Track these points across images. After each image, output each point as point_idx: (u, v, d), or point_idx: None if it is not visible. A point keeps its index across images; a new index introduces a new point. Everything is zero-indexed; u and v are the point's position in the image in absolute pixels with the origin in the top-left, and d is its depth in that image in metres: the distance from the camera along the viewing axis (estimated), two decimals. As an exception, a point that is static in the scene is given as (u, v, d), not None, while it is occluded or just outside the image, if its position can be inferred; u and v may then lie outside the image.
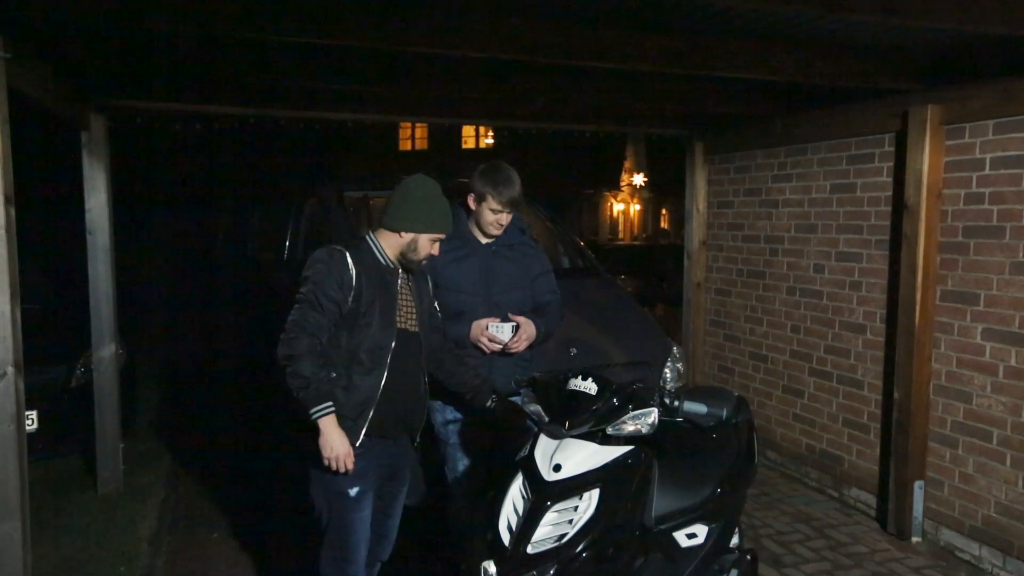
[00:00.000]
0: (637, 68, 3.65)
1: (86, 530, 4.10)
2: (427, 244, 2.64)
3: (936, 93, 3.89)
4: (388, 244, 2.65)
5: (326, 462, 2.46)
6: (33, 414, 4.62)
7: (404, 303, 2.67)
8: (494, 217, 3.05)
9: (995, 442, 3.70)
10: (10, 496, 2.77)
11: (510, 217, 3.09)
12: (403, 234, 2.62)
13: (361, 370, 2.54)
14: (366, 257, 2.60)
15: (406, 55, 3.83)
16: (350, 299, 2.52)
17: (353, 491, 2.57)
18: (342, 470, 2.47)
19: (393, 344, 2.59)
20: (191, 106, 4.88)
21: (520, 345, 3.05)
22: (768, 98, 4.74)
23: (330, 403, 2.45)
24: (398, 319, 2.63)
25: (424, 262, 2.72)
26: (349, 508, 2.58)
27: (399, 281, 2.67)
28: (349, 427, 2.52)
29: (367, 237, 2.69)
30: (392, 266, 2.66)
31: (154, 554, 3.86)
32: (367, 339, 2.54)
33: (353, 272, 2.52)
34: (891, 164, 4.26)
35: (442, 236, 2.69)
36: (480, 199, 3.05)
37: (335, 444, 2.45)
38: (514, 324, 3.04)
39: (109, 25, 3.20)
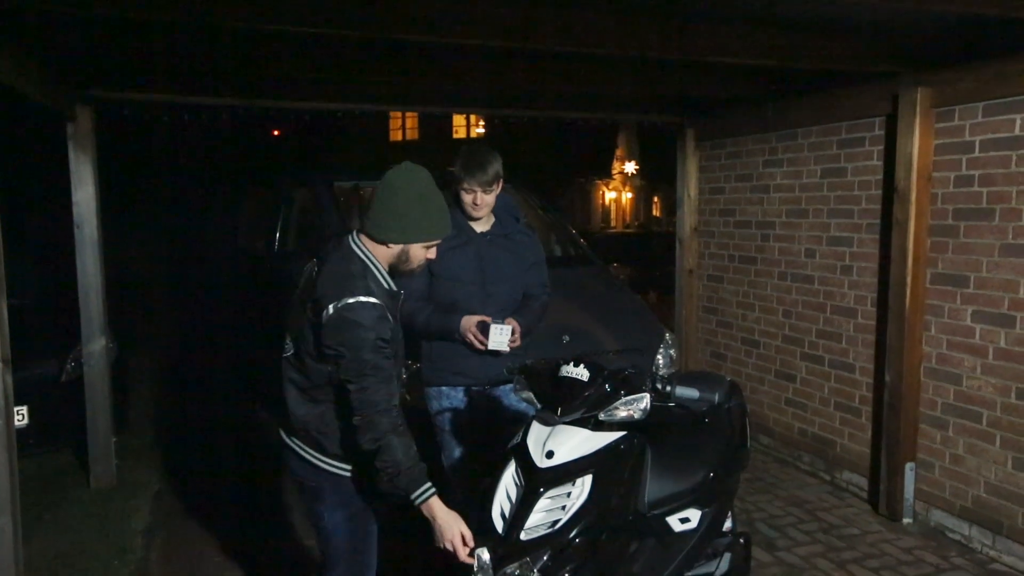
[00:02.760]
0: (629, 53, 3.64)
1: (79, 524, 4.09)
2: (421, 252, 2.30)
3: (926, 76, 3.89)
4: (381, 257, 2.28)
5: (442, 546, 2.17)
6: (24, 409, 4.59)
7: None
8: (469, 197, 3.05)
9: (985, 423, 3.73)
10: (1, 490, 2.76)
11: (489, 198, 3.06)
12: (391, 245, 2.27)
13: None
14: (382, 294, 2.21)
15: (399, 44, 3.81)
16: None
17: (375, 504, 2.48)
18: (462, 553, 2.16)
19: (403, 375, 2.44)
20: (179, 97, 4.83)
21: (513, 346, 3.02)
22: (759, 83, 4.73)
23: (429, 484, 2.15)
24: None
25: (418, 269, 2.38)
26: (371, 521, 2.48)
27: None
28: (370, 466, 2.29)
29: (367, 259, 2.26)
30: (396, 290, 2.33)
31: (148, 547, 3.86)
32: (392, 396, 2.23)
33: (390, 324, 2.22)
34: (881, 148, 4.26)
35: (439, 240, 2.35)
36: (456, 180, 3.05)
37: (450, 527, 2.14)
38: (511, 327, 3.00)
39: (97, 15, 3.16)
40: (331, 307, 2.12)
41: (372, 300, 2.15)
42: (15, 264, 3.10)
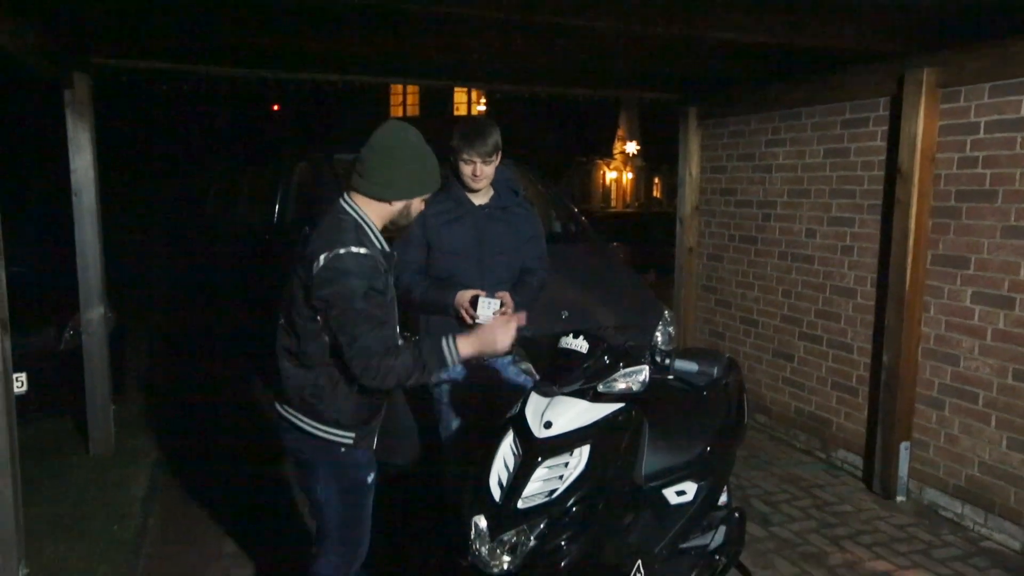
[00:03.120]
0: (632, 29, 3.60)
1: (79, 491, 4.11)
2: (419, 205, 2.39)
3: (932, 56, 3.86)
4: (376, 215, 2.30)
5: (497, 350, 2.32)
6: (23, 376, 4.60)
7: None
8: (468, 169, 3.02)
9: (981, 403, 3.75)
10: (0, 453, 2.77)
11: (488, 170, 3.03)
12: (394, 203, 2.31)
13: None
14: (375, 250, 2.24)
15: (399, 13, 3.76)
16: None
17: (370, 478, 2.47)
18: (517, 321, 2.36)
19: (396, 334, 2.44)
20: (178, 65, 4.79)
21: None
22: (763, 61, 4.69)
23: (442, 341, 2.22)
24: None
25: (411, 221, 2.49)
26: (365, 494, 2.49)
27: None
28: (365, 433, 2.37)
29: (360, 218, 2.27)
30: (389, 250, 2.36)
31: (146, 513, 3.89)
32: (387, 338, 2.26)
33: (383, 276, 2.24)
34: (885, 128, 4.24)
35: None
36: (456, 152, 3.03)
37: (490, 340, 2.28)
38: (499, 301, 2.99)
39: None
40: (321, 258, 2.13)
41: (363, 250, 2.16)
42: (14, 232, 3.09)
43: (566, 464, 2.19)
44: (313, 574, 2.47)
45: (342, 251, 2.13)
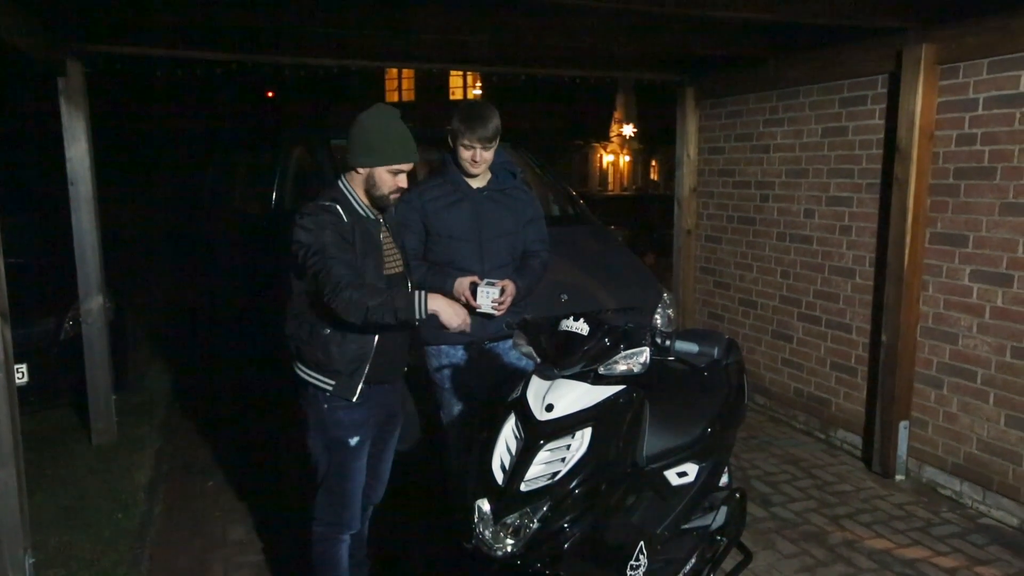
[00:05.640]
0: (632, 6, 3.57)
1: (83, 480, 4.13)
2: (387, 177, 2.50)
3: (931, 32, 3.84)
4: (357, 186, 2.53)
5: (457, 326, 2.45)
6: (23, 367, 4.60)
7: (388, 250, 2.62)
8: (468, 154, 3.00)
9: (979, 381, 3.76)
10: (2, 443, 2.77)
11: (488, 155, 3.02)
12: (360, 170, 2.50)
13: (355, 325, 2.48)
14: (352, 209, 2.50)
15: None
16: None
17: (353, 441, 2.55)
18: (461, 330, 2.48)
19: None
20: (172, 51, 4.74)
21: (502, 310, 3.00)
22: (761, 39, 4.66)
23: (415, 293, 2.37)
24: (386, 267, 2.58)
25: (393, 196, 2.56)
26: (348, 457, 2.57)
27: (381, 232, 2.60)
28: (345, 383, 2.49)
29: (342, 185, 2.54)
30: (373, 217, 2.56)
31: (151, 501, 3.91)
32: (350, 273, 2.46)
33: (348, 222, 2.44)
34: (883, 106, 4.22)
35: (402, 167, 2.52)
36: (455, 136, 3.00)
37: (451, 318, 2.40)
38: (502, 287, 2.98)
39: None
40: (297, 216, 2.46)
41: (326, 204, 2.44)
42: (13, 222, 3.09)
43: (568, 447, 2.19)
44: (311, 533, 2.67)
45: (309, 205, 2.46)
